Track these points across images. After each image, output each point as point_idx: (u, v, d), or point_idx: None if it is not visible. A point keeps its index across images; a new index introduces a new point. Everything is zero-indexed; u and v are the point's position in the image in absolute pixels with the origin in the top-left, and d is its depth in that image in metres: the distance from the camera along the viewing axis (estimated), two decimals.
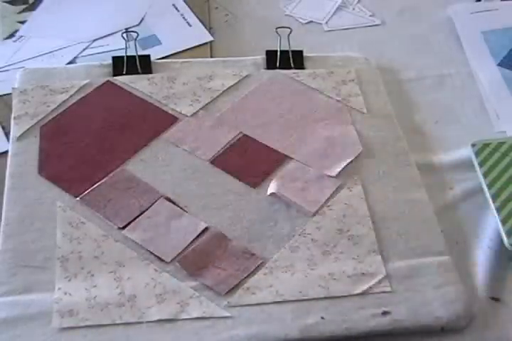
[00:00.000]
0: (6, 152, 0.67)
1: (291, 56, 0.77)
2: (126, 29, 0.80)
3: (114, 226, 0.61)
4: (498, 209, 0.63)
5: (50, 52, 0.80)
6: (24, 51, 0.80)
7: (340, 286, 0.58)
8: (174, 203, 0.63)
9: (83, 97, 0.71)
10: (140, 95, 0.72)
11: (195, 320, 0.55)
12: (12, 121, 0.69)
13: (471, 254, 0.63)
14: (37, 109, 0.69)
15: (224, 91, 0.73)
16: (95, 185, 0.64)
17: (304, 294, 0.57)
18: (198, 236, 0.61)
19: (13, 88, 0.71)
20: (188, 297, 0.57)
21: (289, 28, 0.78)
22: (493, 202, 0.64)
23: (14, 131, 0.68)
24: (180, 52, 0.80)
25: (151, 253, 0.59)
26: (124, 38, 0.77)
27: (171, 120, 0.70)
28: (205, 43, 0.81)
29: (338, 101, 0.73)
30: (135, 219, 0.62)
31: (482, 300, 0.59)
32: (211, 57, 0.80)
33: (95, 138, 0.68)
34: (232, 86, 0.74)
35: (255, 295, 0.57)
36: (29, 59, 0.79)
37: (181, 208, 0.63)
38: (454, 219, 0.65)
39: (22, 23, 0.84)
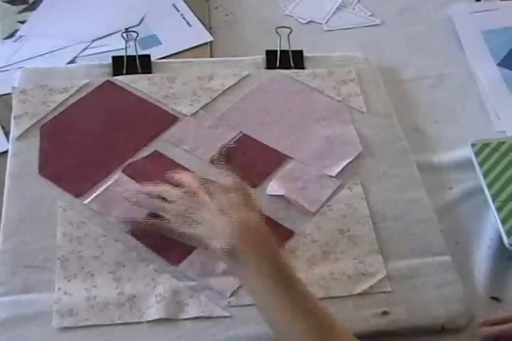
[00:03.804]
0: (6, 152, 0.67)
1: (291, 56, 0.77)
2: (126, 29, 0.80)
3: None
4: (498, 209, 0.63)
5: (50, 52, 0.80)
6: (24, 51, 0.80)
7: (340, 286, 0.58)
8: None
9: (83, 97, 0.71)
10: (140, 95, 0.72)
11: (195, 319, 0.55)
12: (12, 121, 0.68)
13: (471, 254, 0.63)
14: (37, 108, 0.69)
15: (224, 91, 0.73)
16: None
17: None
18: None
19: (13, 88, 0.71)
20: (188, 297, 0.57)
21: (289, 27, 0.78)
22: (493, 202, 0.64)
23: (14, 130, 0.68)
24: (180, 52, 0.80)
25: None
26: (124, 37, 0.76)
27: (171, 120, 0.70)
28: (205, 43, 0.81)
29: (338, 101, 0.73)
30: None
31: (482, 300, 0.59)
32: (211, 57, 0.80)
33: (95, 137, 0.68)
34: (232, 86, 0.74)
35: None
36: (29, 59, 0.79)
37: None
38: (454, 219, 0.65)
39: (22, 23, 0.84)
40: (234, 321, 0.55)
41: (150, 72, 0.74)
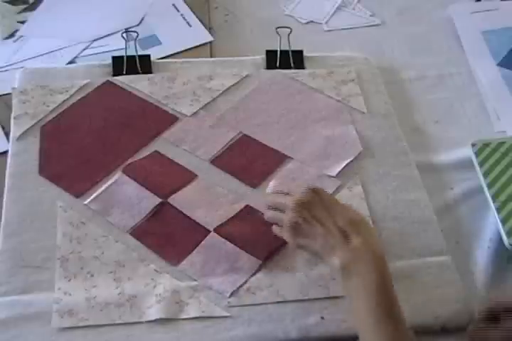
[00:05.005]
0: (6, 152, 0.67)
1: (291, 56, 0.77)
2: (126, 29, 0.80)
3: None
4: (498, 209, 0.63)
5: (50, 52, 0.80)
6: (24, 51, 0.80)
7: (340, 286, 0.57)
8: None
9: (83, 97, 0.71)
10: (140, 95, 0.72)
11: (195, 319, 0.55)
12: (12, 121, 0.69)
13: (471, 254, 0.63)
14: (37, 109, 0.69)
15: (224, 91, 0.73)
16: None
17: (304, 294, 0.57)
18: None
19: (13, 88, 0.71)
20: (188, 297, 0.57)
21: (289, 28, 0.78)
22: (493, 202, 0.64)
23: (14, 131, 0.68)
24: (180, 52, 0.80)
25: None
26: (124, 37, 0.77)
27: (171, 120, 0.70)
28: (205, 43, 0.81)
29: (338, 101, 0.73)
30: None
31: (482, 300, 0.59)
32: (211, 57, 0.80)
33: (95, 138, 0.68)
34: (232, 86, 0.74)
35: (255, 295, 0.57)
36: (29, 59, 0.79)
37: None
38: (454, 219, 0.65)
39: (22, 23, 0.84)
40: (234, 321, 0.55)
41: (150, 72, 0.74)
